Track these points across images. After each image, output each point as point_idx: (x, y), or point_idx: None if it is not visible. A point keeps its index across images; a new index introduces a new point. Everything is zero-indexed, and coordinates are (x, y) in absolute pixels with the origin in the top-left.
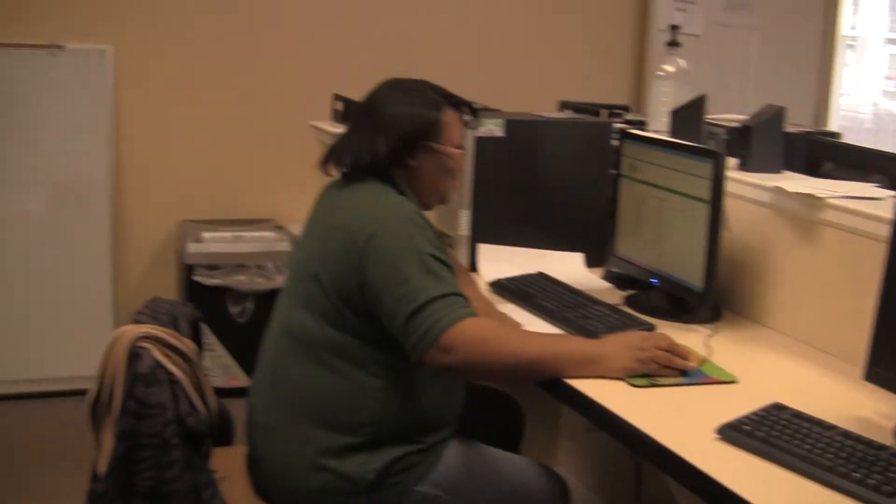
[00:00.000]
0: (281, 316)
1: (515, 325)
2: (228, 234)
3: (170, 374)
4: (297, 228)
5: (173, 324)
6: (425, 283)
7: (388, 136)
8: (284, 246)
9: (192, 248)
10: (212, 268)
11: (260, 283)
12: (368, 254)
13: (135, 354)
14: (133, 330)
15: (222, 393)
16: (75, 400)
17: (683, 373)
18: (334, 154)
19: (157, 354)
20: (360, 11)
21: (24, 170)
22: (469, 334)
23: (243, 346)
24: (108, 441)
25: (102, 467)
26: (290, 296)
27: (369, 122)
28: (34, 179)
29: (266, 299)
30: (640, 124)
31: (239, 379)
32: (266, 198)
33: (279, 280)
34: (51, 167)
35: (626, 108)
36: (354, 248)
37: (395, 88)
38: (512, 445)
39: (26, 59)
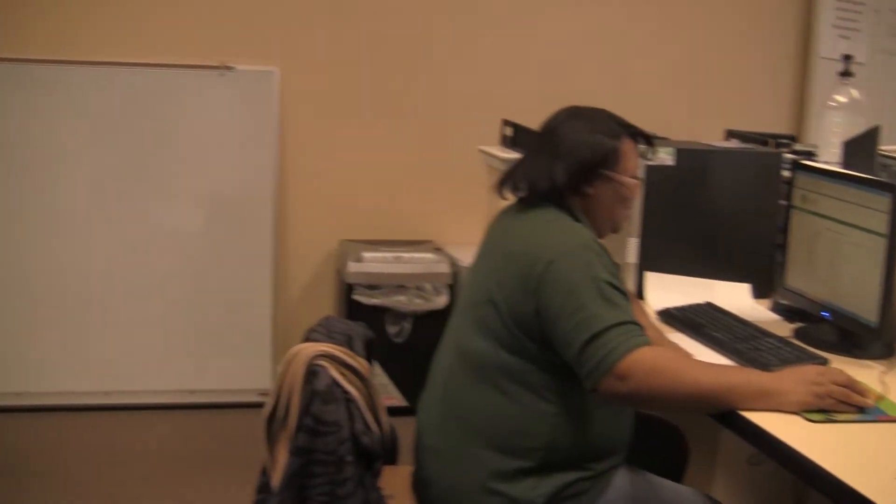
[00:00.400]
0: (453, 338)
1: (687, 355)
2: (388, 255)
3: (346, 392)
4: (456, 251)
5: (348, 342)
6: (602, 311)
7: (566, 163)
8: (444, 268)
9: (353, 267)
10: (371, 287)
11: (418, 304)
12: (546, 280)
13: (312, 372)
14: (310, 348)
15: None
16: (237, 411)
17: (860, 409)
18: (510, 179)
19: (334, 373)
20: (529, 38)
21: (190, 186)
22: (645, 363)
23: (400, 365)
24: (283, 456)
25: (276, 481)
26: (464, 318)
27: (548, 149)
28: (201, 195)
29: (424, 320)
30: (809, 155)
31: (395, 398)
32: (426, 219)
33: (438, 301)
34: (217, 184)
35: (792, 138)
36: (532, 273)
37: (575, 116)
38: (676, 476)
39: (197, 78)
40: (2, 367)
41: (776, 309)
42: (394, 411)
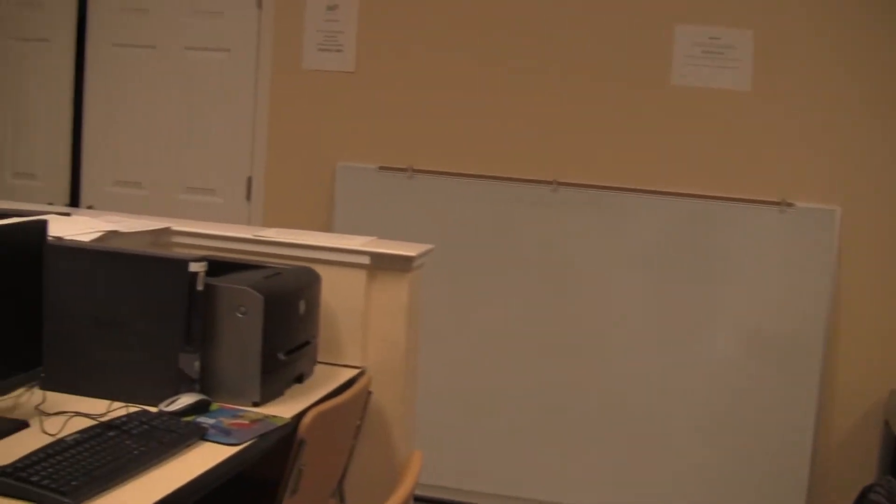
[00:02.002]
0: None
1: None
2: None
3: None
4: None
5: None
6: None
7: None
8: None
9: None
10: None
11: None
12: None
13: None
14: None
15: None
16: None
17: None
18: None
19: None
20: None
21: (736, 317)
22: None
23: None
24: None
25: None
26: None
27: None
28: (745, 327)
29: None
30: None
31: None
32: None
33: None
34: (764, 318)
35: None
36: None
37: None
38: None
39: (755, 213)
40: (539, 476)
41: None
42: None
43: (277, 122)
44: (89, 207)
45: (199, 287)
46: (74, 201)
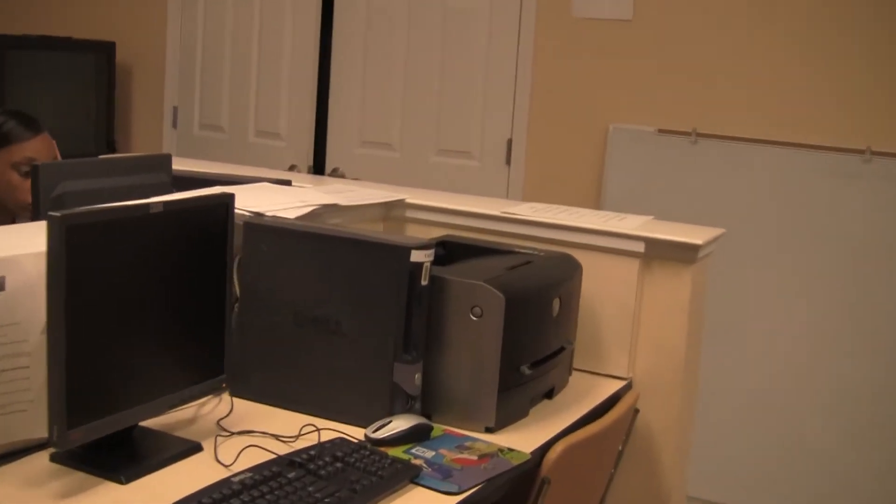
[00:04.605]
0: None
1: None
2: None
3: None
4: None
5: None
6: None
7: None
8: None
9: None
10: None
11: None
12: None
13: None
14: None
15: None
16: None
17: None
18: None
19: None
20: None
21: None
22: None
23: None
24: None
25: None
26: None
27: None
28: None
29: None
30: None
31: None
32: None
33: None
34: None
35: None
36: None
37: None
38: None
39: None
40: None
41: None
42: None
43: (542, 78)
44: (335, 170)
45: (424, 281)
46: (319, 164)
